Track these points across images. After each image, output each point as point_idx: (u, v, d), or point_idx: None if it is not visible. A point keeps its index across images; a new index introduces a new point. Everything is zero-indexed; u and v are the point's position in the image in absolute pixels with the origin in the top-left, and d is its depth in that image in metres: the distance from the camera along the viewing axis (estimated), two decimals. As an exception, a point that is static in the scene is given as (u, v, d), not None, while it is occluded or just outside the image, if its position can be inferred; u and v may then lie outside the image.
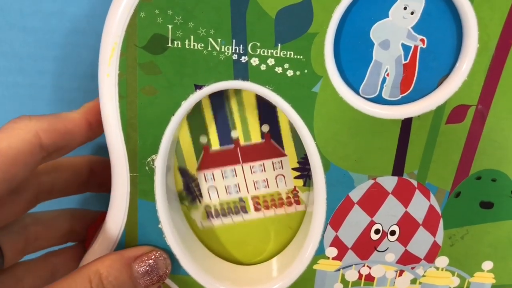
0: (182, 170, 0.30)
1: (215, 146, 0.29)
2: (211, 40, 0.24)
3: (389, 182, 0.28)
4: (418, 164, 0.27)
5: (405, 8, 0.25)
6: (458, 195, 0.28)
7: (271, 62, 0.25)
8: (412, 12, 0.25)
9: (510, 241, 0.29)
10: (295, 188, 0.30)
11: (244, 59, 0.25)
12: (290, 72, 0.25)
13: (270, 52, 0.25)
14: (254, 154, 0.29)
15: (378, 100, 0.26)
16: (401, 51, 0.25)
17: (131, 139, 0.26)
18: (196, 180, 0.30)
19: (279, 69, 0.25)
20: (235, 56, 0.25)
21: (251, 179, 0.30)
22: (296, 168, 0.30)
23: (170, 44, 0.25)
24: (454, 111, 0.26)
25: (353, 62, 0.26)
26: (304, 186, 0.30)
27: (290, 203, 0.30)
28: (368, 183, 0.28)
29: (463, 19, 0.24)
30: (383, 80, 0.26)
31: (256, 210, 0.30)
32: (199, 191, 0.30)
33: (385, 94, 0.26)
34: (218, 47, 0.25)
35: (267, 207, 0.30)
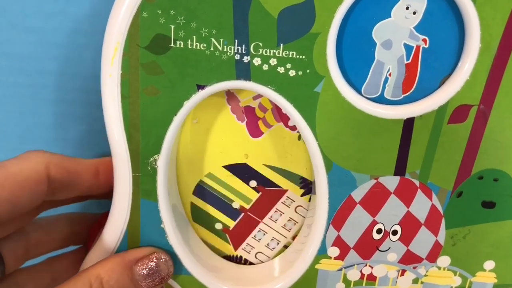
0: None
1: (230, 224, 0.31)
2: (214, 40, 0.24)
3: (391, 182, 0.28)
4: (420, 164, 0.27)
5: (407, 8, 0.25)
6: (460, 194, 0.28)
7: (273, 62, 0.25)
8: (414, 12, 0.25)
9: (512, 240, 0.29)
10: None
11: (246, 59, 0.25)
12: (292, 72, 0.25)
13: (273, 52, 0.25)
14: (263, 208, 0.30)
15: (380, 100, 0.26)
16: (403, 51, 0.25)
17: (133, 139, 0.26)
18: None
19: (281, 69, 0.25)
20: (237, 56, 0.25)
21: (279, 226, 0.31)
22: (303, 193, 0.30)
23: (172, 44, 0.25)
24: (456, 111, 0.26)
25: (355, 62, 0.26)
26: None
27: None
28: (370, 183, 0.28)
29: (465, 19, 0.24)
30: (385, 80, 0.26)
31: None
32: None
33: (387, 94, 0.26)
34: (220, 47, 0.25)
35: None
